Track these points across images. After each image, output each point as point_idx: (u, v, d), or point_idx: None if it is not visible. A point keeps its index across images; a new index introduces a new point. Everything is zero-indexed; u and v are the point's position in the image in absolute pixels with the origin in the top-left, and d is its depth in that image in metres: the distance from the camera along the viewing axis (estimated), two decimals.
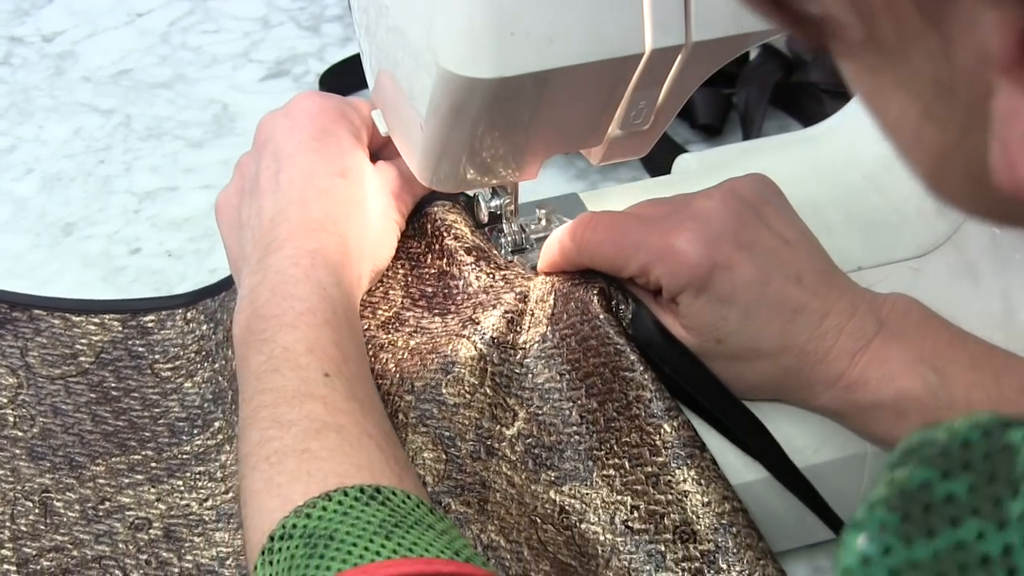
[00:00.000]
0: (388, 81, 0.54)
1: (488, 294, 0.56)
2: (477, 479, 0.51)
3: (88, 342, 0.65)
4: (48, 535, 0.57)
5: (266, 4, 0.98)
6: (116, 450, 0.60)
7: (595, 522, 0.50)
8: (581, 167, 0.78)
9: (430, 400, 0.53)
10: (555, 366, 0.53)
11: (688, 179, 0.69)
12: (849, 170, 0.67)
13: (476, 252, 0.57)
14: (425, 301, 0.57)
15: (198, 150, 0.83)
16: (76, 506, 0.58)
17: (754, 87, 0.83)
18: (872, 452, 0.54)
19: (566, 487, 0.50)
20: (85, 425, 0.61)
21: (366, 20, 0.54)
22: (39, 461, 0.60)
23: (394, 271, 0.59)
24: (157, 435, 0.61)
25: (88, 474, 0.59)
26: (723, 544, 0.47)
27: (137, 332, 0.65)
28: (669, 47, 0.46)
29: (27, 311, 0.66)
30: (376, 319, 0.57)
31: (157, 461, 0.60)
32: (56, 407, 0.62)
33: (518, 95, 0.47)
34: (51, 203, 0.79)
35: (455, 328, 0.56)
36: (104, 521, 0.57)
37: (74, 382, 0.63)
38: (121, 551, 0.56)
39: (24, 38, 0.95)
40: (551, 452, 0.51)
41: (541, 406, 0.53)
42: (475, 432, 0.52)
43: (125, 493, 0.58)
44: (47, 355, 0.64)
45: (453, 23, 0.45)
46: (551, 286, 0.55)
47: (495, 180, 0.55)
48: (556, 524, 0.50)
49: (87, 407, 0.62)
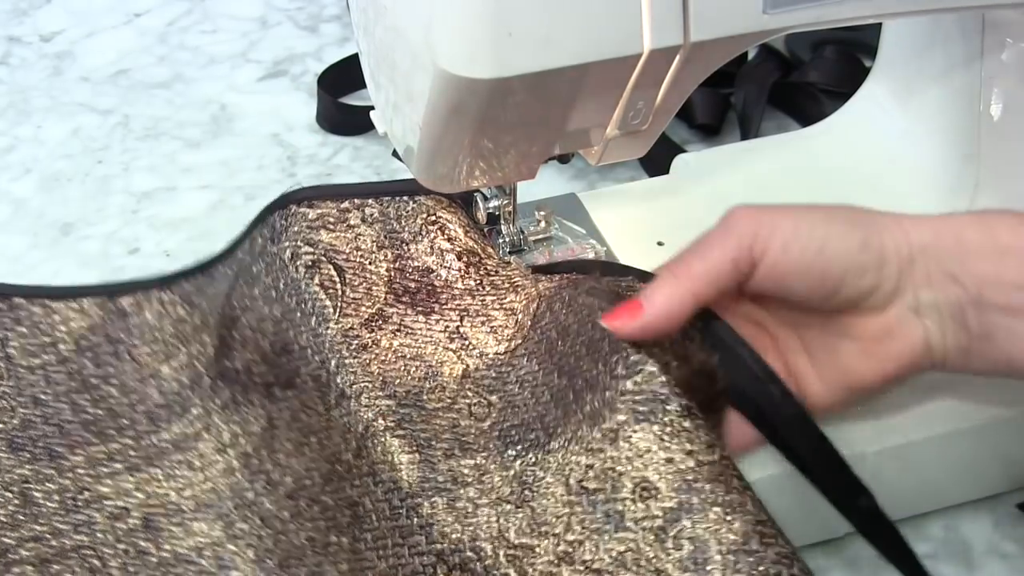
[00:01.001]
0: (386, 81, 0.54)
1: (474, 297, 0.56)
2: (449, 476, 0.50)
3: (67, 328, 0.65)
4: (27, 525, 0.57)
5: (264, 4, 0.98)
6: (95, 439, 0.60)
7: (551, 484, 0.48)
8: (579, 167, 0.78)
9: (411, 405, 0.53)
10: (535, 357, 0.53)
11: (687, 179, 0.69)
12: (847, 170, 0.67)
13: (467, 257, 0.57)
14: (409, 297, 0.57)
15: (196, 150, 0.83)
16: (55, 496, 0.58)
17: (752, 87, 0.83)
18: (873, 452, 0.54)
19: (528, 455, 0.49)
20: (64, 415, 0.61)
21: (364, 20, 0.54)
22: (19, 452, 0.60)
23: (376, 263, 0.58)
24: (136, 422, 0.61)
25: (67, 464, 0.59)
26: (687, 501, 0.45)
27: (116, 316, 0.65)
28: (667, 47, 0.46)
29: (7, 300, 0.66)
30: (359, 316, 0.56)
31: (136, 449, 0.60)
32: (36, 397, 0.62)
33: (516, 95, 0.47)
34: (49, 203, 0.79)
35: (441, 337, 0.55)
36: (83, 511, 0.57)
37: (54, 371, 0.63)
38: (100, 540, 0.56)
39: (22, 38, 0.95)
40: (519, 428, 0.51)
41: (519, 392, 0.52)
42: (452, 431, 0.52)
43: (104, 483, 0.58)
44: (28, 344, 0.64)
45: (451, 23, 0.45)
46: (536, 294, 0.55)
47: (493, 180, 0.55)
48: (512, 502, 0.49)
49: (67, 396, 0.62)
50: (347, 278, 0.57)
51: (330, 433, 0.55)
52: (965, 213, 0.49)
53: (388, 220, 0.59)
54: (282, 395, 0.58)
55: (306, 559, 0.54)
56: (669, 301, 0.47)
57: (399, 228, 0.58)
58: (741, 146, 0.74)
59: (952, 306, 0.47)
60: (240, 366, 0.59)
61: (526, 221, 0.62)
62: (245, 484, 0.57)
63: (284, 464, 0.57)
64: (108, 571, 0.55)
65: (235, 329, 0.60)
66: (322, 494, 0.55)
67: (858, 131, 0.69)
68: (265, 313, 0.58)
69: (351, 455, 0.54)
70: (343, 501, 0.53)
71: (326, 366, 0.55)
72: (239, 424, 0.59)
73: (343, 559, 0.52)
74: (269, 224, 0.60)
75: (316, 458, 0.55)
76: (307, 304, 0.57)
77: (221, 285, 0.63)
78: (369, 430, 0.53)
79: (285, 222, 0.59)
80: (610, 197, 0.67)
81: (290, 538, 0.55)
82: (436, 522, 0.49)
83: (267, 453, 0.57)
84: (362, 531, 0.52)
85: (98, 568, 0.55)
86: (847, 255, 0.46)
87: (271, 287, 0.58)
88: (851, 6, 0.48)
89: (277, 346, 0.58)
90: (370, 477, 0.52)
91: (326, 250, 0.58)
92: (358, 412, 0.54)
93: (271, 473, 0.57)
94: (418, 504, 0.50)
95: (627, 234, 0.64)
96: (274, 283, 0.58)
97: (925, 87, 0.65)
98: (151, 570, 0.55)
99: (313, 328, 0.56)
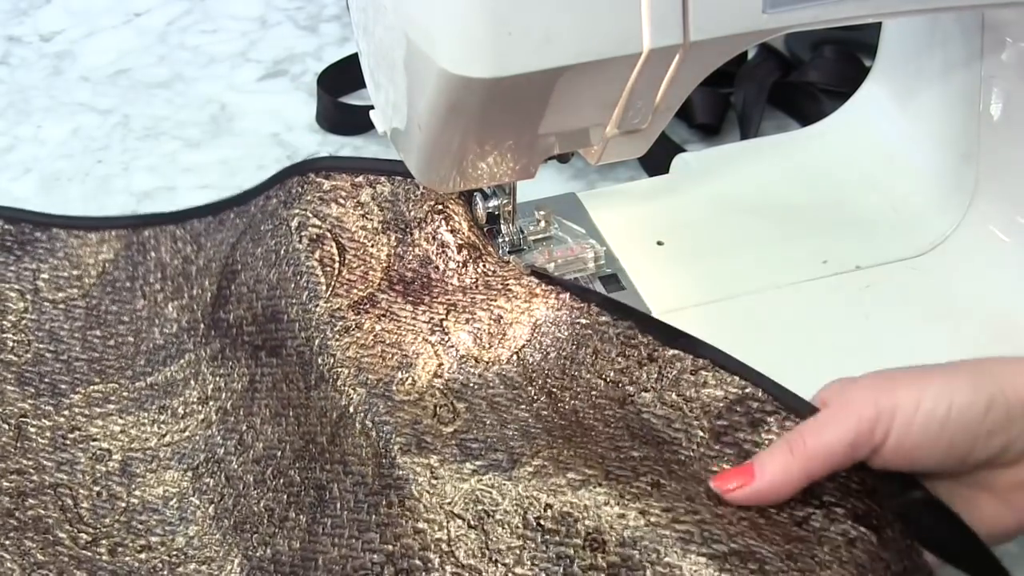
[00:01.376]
0: (386, 81, 0.54)
1: (464, 294, 0.56)
2: (403, 472, 0.50)
3: (94, 260, 0.67)
4: (15, 458, 0.59)
5: (264, 4, 0.98)
6: (96, 378, 0.63)
7: (509, 513, 0.48)
8: (579, 167, 0.78)
9: (380, 395, 0.53)
10: (513, 388, 0.53)
11: (686, 179, 0.69)
12: (847, 169, 0.67)
13: (468, 251, 0.57)
14: (403, 286, 0.57)
15: (196, 150, 0.83)
16: (47, 433, 0.60)
17: (752, 86, 0.83)
18: None
19: (487, 476, 0.49)
20: (75, 351, 0.64)
21: (364, 20, 0.54)
22: (25, 386, 0.62)
23: (378, 246, 0.58)
24: (135, 363, 0.63)
25: (66, 402, 0.62)
26: (629, 557, 0.46)
27: (137, 249, 0.67)
28: (667, 47, 0.46)
29: (47, 230, 0.69)
30: (349, 298, 0.57)
31: (129, 391, 0.62)
32: (53, 332, 0.64)
33: (516, 95, 0.47)
34: (49, 203, 0.79)
35: (423, 326, 0.56)
36: (69, 450, 0.60)
37: (74, 305, 0.65)
38: (77, 481, 0.59)
39: (22, 38, 0.95)
40: (481, 444, 0.51)
41: (488, 412, 0.52)
42: (412, 427, 0.52)
43: (95, 423, 0.61)
44: (56, 277, 0.66)
45: (451, 22, 0.45)
46: (529, 317, 0.55)
47: (493, 179, 0.55)
48: (466, 520, 0.49)
49: (80, 331, 0.64)
50: (347, 258, 0.58)
51: (308, 412, 0.55)
52: None
53: (397, 201, 0.59)
54: (267, 361, 0.58)
55: (261, 528, 0.55)
56: (782, 475, 0.46)
57: (406, 211, 0.59)
58: (741, 146, 0.74)
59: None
60: (232, 320, 0.60)
61: (526, 221, 0.62)
62: (218, 439, 0.59)
63: (258, 429, 0.58)
64: (78, 511, 0.58)
65: (233, 283, 0.61)
66: (290, 468, 0.55)
67: (858, 131, 0.69)
68: (263, 275, 0.59)
69: (325, 439, 0.54)
70: (310, 481, 0.54)
71: (310, 344, 0.56)
72: (223, 378, 0.60)
73: (297, 537, 0.53)
74: (286, 187, 0.61)
75: (292, 432, 0.56)
76: (302, 278, 0.57)
77: (229, 233, 0.64)
78: (343, 419, 0.53)
79: (300, 189, 0.60)
80: (610, 197, 0.67)
81: (250, 503, 0.56)
82: (391, 523, 0.50)
83: (244, 414, 0.59)
84: (323, 515, 0.53)
85: (69, 507, 0.58)
86: (974, 422, 0.45)
87: (272, 250, 0.59)
88: (851, 6, 0.48)
89: (268, 311, 0.59)
90: (341, 466, 0.53)
91: (333, 225, 0.59)
92: (334, 398, 0.54)
93: (244, 435, 0.58)
94: (379, 502, 0.51)
95: (627, 234, 0.64)
96: (275, 247, 0.59)
97: (925, 87, 0.65)
98: (117, 515, 0.58)
99: (303, 303, 0.57)
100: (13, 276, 0.66)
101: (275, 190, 0.62)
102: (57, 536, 0.57)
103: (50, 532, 0.57)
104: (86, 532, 0.57)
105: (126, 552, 0.56)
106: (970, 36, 0.60)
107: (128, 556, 0.56)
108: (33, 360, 0.63)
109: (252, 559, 0.55)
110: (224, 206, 0.67)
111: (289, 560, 0.53)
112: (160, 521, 0.57)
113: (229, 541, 0.56)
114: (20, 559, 0.55)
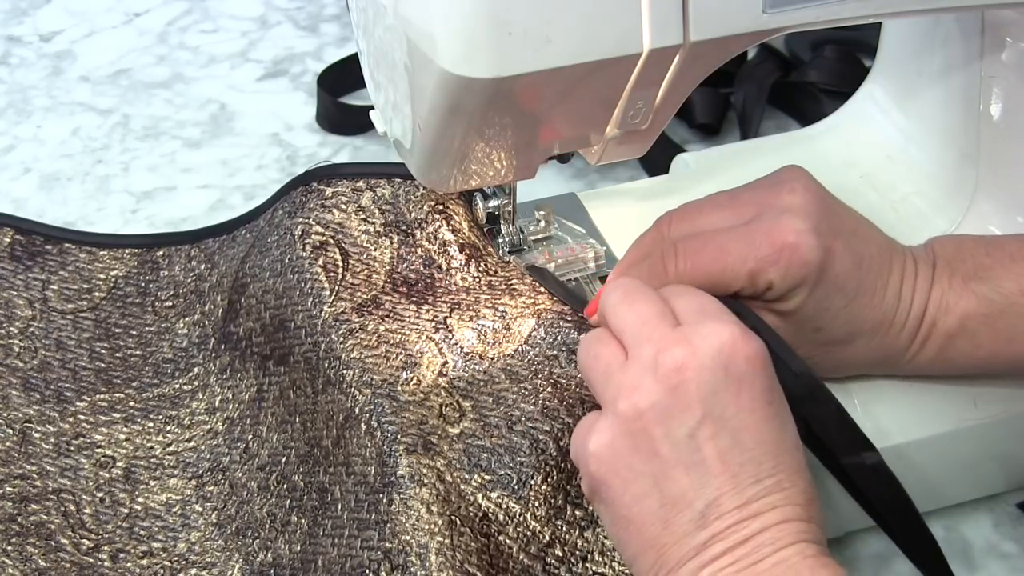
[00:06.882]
0: (386, 81, 0.54)
1: (468, 293, 0.56)
2: (407, 473, 0.51)
3: (105, 276, 0.68)
4: (19, 463, 0.60)
5: (264, 4, 0.98)
6: (103, 387, 0.63)
7: (514, 538, 0.50)
8: (579, 167, 0.78)
9: (385, 396, 0.53)
10: (519, 381, 0.53)
11: (686, 179, 0.69)
12: (847, 169, 0.67)
13: (469, 250, 0.57)
14: (406, 287, 0.57)
15: (196, 150, 0.83)
16: (52, 439, 0.61)
17: (752, 86, 0.83)
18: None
19: (494, 493, 0.50)
20: (81, 360, 0.64)
21: (364, 19, 0.54)
22: (30, 392, 0.63)
23: (381, 249, 0.59)
24: (142, 374, 0.64)
25: (71, 409, 0.62)
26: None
27: (149, 268, 0.68)
28: (667, 47, 0.46)
29: (58, 244, 0.69)
30: (353, 301, 0.57)
31: (136, 400, 0.63)
32: (60, 341, 0.65)
33: (516, 94, 0.47)
34: (49, 203, 0.79)
35: (427, 324, 0.56)
36: (73, 456, 0.60)
37: (83, 316, 0.66)
38: (81, 487, 0.59)
39: (22, 38, 0.95)
40: (490, 454, 0.51)
41: (494, 408, 0.53)
42: (418, 428, 0.52)
43: (100, 431, 0.61)
44: (66, 289, 0.67)
45: (451, 22, 0.45)
46: (533, 312, 0.55)
47: (493, 179, 0.55)
48: (475, 529, 0.50)
49: (88, 343, 0.65)
50: (350, 263, 0.58)
51: (314, 417, 0.56)
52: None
53: (398, 203, 0.60)
54: (274, 370, 0.59)
55: (263, 533, 0.56)
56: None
57: (407, 212, 0.59)
58: (741, 146, 0.74)
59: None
60: (242, 332, 0.61)
61: (526, 221, 0.62)
62: (224, 449, 0.60)
63: (264, 437, 0.58)
64: (81, 517, 0.58)
65: (243, 296, 0.61)
66: (294, 474, 0.56)
67: (858, 131, 0.69)
68: (270, 285, 0.60)
69: (330, 442, 0.54)
70: (314, 485, 0.54)
71: (317, 349, 0.56)
72: (231, 389, 0.61)
73: (298, 540, 0.54)
74: (291, 198, 0.62)
75: (297, 437, 0.56)
76: (306, 285, 0.58)
77: (240, 249, 0.65)
78: (349, 421, 0.53)
79: (304, 198, 0.61)
80: (610, 197, 0.67)
81: (252, 509, 0.57)
82: (391, 520, 0.50)
83: (250, 424, 0.59)
84: (325, 517, 0.53)
85: (71, 513, 0.58)
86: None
87: (278, 260, 0.60)
88: (851, 6, 0.48)
89: (276, 320, 0.59)
90: (344, 467, 0.53)
91: (336, 231, 0.59)
92: (341, 400, 0.54)
93: (250, 443, 0.59)
94: (379, 500, 0.51)
95: (627, 234, 0.64)
96: (281, 257, 0.60)
97: (925, 87, 0.65)
98: (120, 521, 0.58)
99: (308, 310, 0.57)
100: (22, 284, 0.67)
101: (281, 202, 0.63)
102: (59, 542, 0.57)
103: (52, 538, 0.57)
104: (88, 538, 0.57)
105: (128, 558, 0.56)
106: (970, 36, 0.60)
107: (130, 562, 0.56)
108: (39, 367, 0.64)
109: (253, 563, 0.55)
110: (237, 224, 0.68)
111: (289, 563, 0.54)
112: (162, 527, 0.58)
113: (230, 546, 0.56)
114: (22, 564, 0.56)
